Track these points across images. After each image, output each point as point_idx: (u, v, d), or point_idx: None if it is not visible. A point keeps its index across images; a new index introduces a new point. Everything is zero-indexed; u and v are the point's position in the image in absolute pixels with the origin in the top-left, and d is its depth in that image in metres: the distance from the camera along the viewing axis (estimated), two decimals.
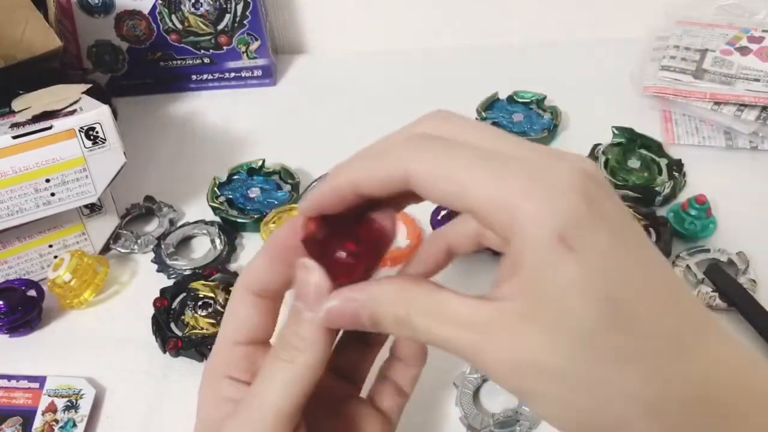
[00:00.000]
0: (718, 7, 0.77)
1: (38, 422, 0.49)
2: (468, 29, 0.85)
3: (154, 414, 0.50)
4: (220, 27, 0.78)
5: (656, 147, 0.66)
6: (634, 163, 0.64)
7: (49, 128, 0.52)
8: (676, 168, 0.64)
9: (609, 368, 0.23)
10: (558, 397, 0.23)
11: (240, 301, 0.32)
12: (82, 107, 0.55)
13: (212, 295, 0.55)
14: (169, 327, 0.54)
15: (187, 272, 0.59)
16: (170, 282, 0.58)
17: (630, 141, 0.66)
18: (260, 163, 0.68)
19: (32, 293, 0.56)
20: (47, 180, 0.53)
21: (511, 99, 0.73)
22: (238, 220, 0.63)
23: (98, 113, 0.54)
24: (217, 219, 0.64)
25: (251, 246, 0.62)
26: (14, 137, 0.51)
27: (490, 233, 0.31)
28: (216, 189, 0.65)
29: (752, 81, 0.66)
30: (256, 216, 0.63)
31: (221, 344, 0.32)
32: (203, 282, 0.56)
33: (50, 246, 0.59)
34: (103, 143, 0.54)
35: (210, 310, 0.54)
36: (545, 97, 0.73)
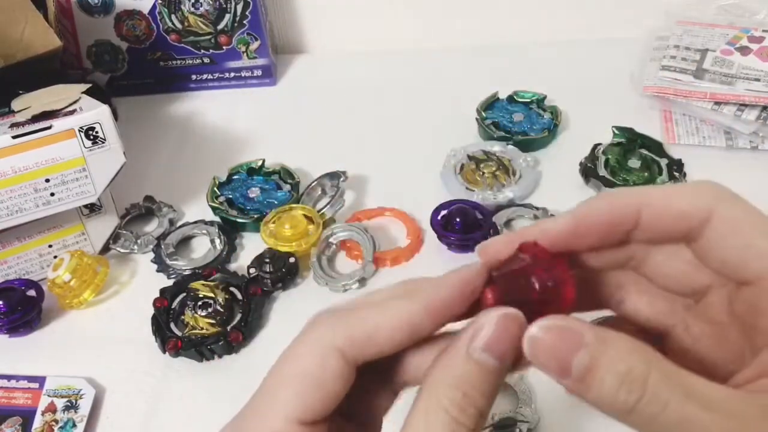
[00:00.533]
0: (719, 7, 0.77)
1: (38, 422, 0.49)
2: (468, 29, 0.85)
3: (154, 414, 0.50)
4: (220, 27, 0.78)
5: (656, 147, 0.66)
6: (635, 163, 0.64)
7: (49, 128, 0.52)
8: (677, 168, 0.64)
9: None
10: None
11: (328, 369, 0.23)
12: (82, 107, 0.55)
13: (212, 295, 0.55)
14: (169, 327, 0.54)
15: (187, 272, 0.59)
16: (170, 282, 0.58)
17: (630, 141, 0.66)
18: (260, 163, 0.68)
19: (32, 293, 0.56)
20: (47, 180, 0.53)
21: (511, 99, 0.73)
22: (238, 220, 0.63)
23: (98, 113, 0.54)
24: (217, 219, 0.64)
25: (251, 246, 0.62)
26: (14, 137, 0.51)
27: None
28: (216, 189, 0.65)
29: (752, 81, 0.66)
30: (256, 216, 0.63)
31: (273, 419, 0.23)
32: (203, 282, 0.56)
33: (50, 246, 0.59)
34: (103, 143, 0.54)
35: (210, 310, 0.54)
36: (545, 97, 0.73)
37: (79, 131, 0.53)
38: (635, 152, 0.66)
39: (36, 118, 0.54)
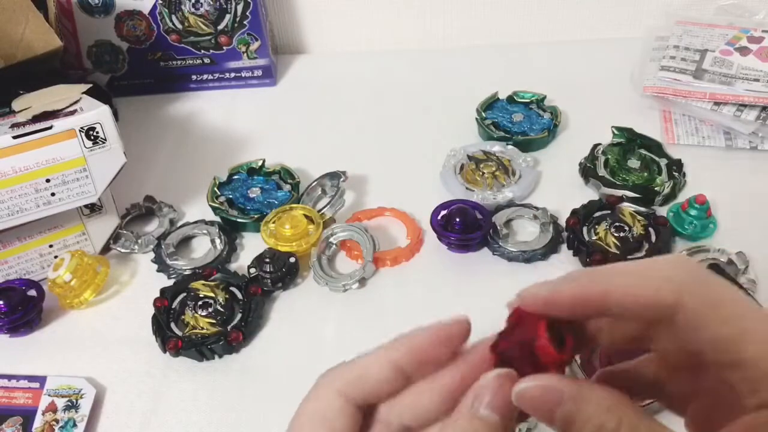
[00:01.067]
0: (718, 7, 0.78)
1: (38, 422, 0.49)
2: (468, 29, 0.85)
3: (155, 413, 0.50)
4: (220, 27, 0.78)
5: (656, 147, 0.66)
6: (634, 163, 0.64)
7: (50, 128, 0.52)
8: (676, 168, 0.64)
9: None
10: None
11: (331, 407, 0.26)
12: (83, 107, 0.55)
13: (212, 295, 0.55)
14: (169, 327, 0.54)
15: (187, 272, 0.59)
16: (170, 282, 0.58)
17: (630, 141, 0.66)
18: (260, 163, 0.68)
19: (32, 293, 0.56)
20: (47, 180, 0.53)
21: (511, 99, 0.73)
22: (238, 220, 0.63)
23: (98, 113, 0.54)
24: (217, 219, 0.64)
25: (251, 246, 0.62)
26: (14, 137, 0.51)
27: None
28: (216, 189, 0.65)
29: (752, 81, 0.66)
30: (256, 216, 0.63)
31: None
32: (203, 282, 0.56)
33: (50, 246, 0.59)
34: (104, 143, 0.54)
35: (210, 310, 0.54)
36: (545, 97, 0.73)
37: (80, 131, 0.53)
38: (635, 152, 0.66)
39: (36, 119, 0.54)
